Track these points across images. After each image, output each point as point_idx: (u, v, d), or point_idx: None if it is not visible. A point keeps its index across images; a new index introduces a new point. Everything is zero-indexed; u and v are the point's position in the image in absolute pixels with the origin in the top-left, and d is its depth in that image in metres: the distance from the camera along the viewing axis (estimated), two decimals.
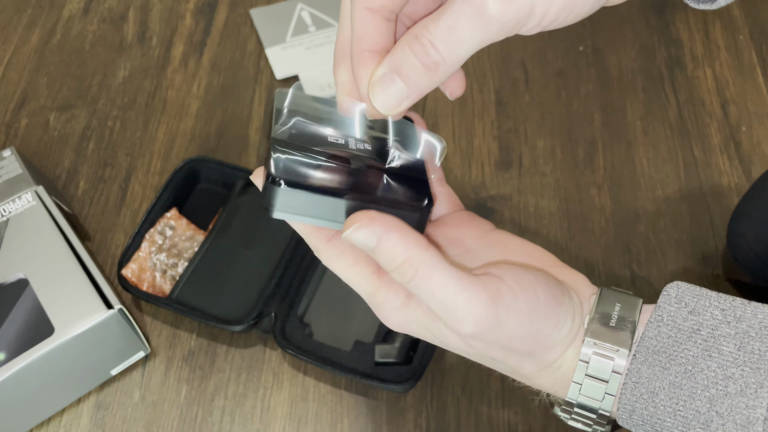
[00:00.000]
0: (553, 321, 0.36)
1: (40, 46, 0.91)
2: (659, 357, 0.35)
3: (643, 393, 0.35)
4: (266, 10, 0.93)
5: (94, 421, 0.64)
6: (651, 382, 0.34)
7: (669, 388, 0.34)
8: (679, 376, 0.34)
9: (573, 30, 0.90)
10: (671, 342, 0.35)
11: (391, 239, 0.33)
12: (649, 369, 0.35)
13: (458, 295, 0.33)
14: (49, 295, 0.60)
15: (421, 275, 0.33)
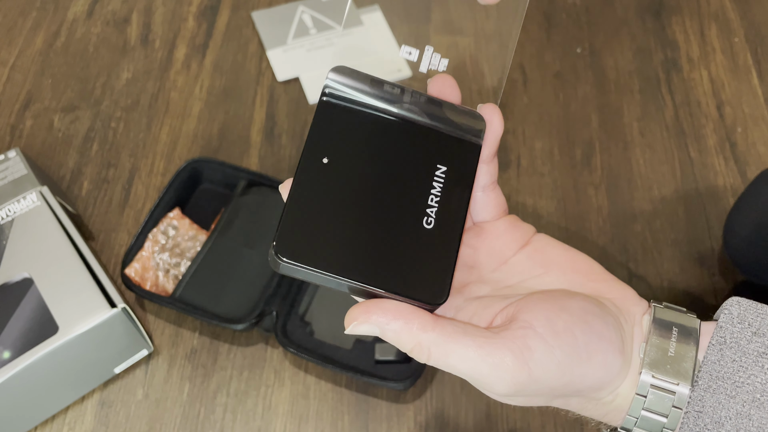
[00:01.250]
0: (598, 362, 0.33)
1: (45, 48, 0.91)
2: (724, 384, 0.32)
3: (708, 423, 0.32)
4: (268, 12, 0.93)
5: (98, 418, 0.64)
6: (716, 411, 0.32)
7: (736, 418, 0.31)
8: (747, 405, 0.31)
9: (571, 32, 0.90)
10: (736, 367, 0.32)
11: (393, 329, 0.32)
12: (713, 397, 0.32)
13: (482, 365, 0.31)
14: (53, 294, 0.60)
15: (437, 356, 0.32)
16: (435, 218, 0.32)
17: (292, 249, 0.31)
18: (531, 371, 0.31)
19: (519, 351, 0.31)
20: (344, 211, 0.32)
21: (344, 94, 0.34)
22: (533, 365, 0.31)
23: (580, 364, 0.32)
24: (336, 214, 0.32)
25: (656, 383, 0.33)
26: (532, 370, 0.31)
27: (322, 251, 0.31)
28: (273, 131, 0.82)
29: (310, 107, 0.84)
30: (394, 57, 0.88)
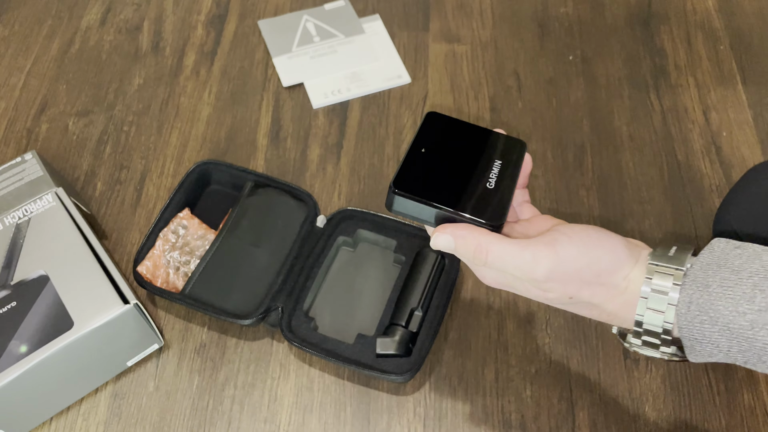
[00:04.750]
0: (608, 247, 0.43)
1: (60, 55, 0.91)
2: (711, 265, 0.40)
3: (699, 287, 0.39)
4: (273, 21, 0.93)
5: (110, 409, 0.64)
6: (705, 279, 0.39)
7: (720, 281, 0.39)
8: (728, 273, 0.39)
9: (563, 40, 0.90)
10: (722, 256, 0.40)
11: (463, 236, 0.43)
12: (703, 272, 0.40)
13: (523, 255, 0.42)
14: (68, 290, 0.60)
15: (492, 253, 0.43)
16: (494, 183, 0.47)
17: (403, 187, 0.46)
18: (557, 253, 0.42)
19: (550, 243, 0.42)
20: (437, 173, 0.47)
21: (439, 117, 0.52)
22: (559, 249, 0.42)
23: (594, 248, 0.42)
24: (432, 173, 0.47)
25: (659, 270, 0.41)
26: (558, 252, 0.42)
27: (421, 190, 0.46)
28: (278, 135, 0.82)
29: (314, 111, 0.84)
30: (395, 64, 0.88)
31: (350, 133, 0.82)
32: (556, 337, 0.66)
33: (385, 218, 0.71)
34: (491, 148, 0.49)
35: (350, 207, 0.73)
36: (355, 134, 0.82)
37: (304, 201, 0.73)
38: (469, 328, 0.67)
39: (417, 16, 0.94)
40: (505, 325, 0.67)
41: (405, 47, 0.90)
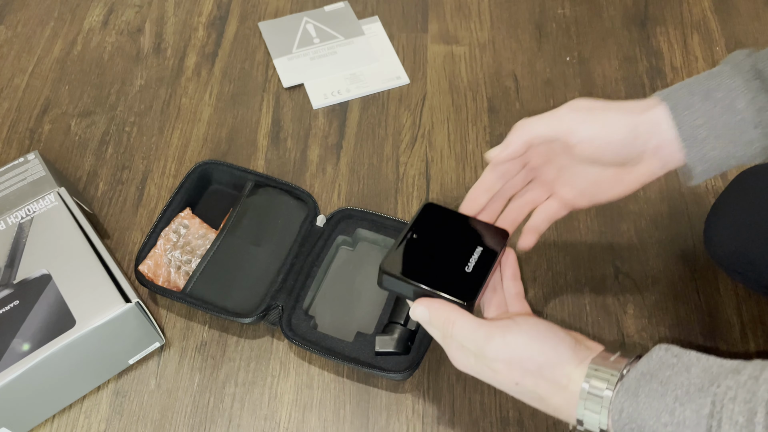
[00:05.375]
0: (552, 344, 0.46)
1: (62, 56, 0.91)
2: (645, 375, 0.42)
3: (630, 395, 0.42)
4: (274, 23, 0.93)
5: (112, 407, 0.64)
6: (636, 388, 0.41)
7: (648, 392, 0.41)
8: (656, 384, 0.41)
9: (561, 42, 0.90)
10: (657, 365, 0.42)
11: (436, 308, 0.49)
12: (636, 381, 0.42)
13: (479, 332, 0.46)
14: (70, 289, 0.60)
15: (456, 325, 0.47)
16: (472, 268, 0.52)
17: (390, 268, 0.52)
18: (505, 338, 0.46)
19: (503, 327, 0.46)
20: (423, 256, 0.53)
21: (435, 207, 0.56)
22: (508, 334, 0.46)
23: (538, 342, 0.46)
24: (418, 256, 0.53)
25: (598, 372, 0.44)
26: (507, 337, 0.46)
27: (406, 271, 0.51)
28: (279, 135, 0.82)
29: (314, 112, 0.84)
30: (393, 65, 0.88)
31: (350, 134, 0.82)
32: None
33: (384, 217, 0.71)
34: (475, 236, 0.54)
35: (350, 206, 0.73)
36: (355, 134, 0.82)
37: (304, 201, 0.73)
38: None
39: (416, 17, 0.94)
40: None
41: (404, 48, 0.90)
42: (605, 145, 0.49)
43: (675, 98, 0.47)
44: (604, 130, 0.49)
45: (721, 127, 0.46)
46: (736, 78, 0.46)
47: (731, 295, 0.68)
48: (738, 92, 0.46)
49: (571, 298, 0.69)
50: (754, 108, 0.45)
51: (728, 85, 0.46)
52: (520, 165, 0.55)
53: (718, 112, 0.46)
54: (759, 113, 0.45)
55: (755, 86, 0.45)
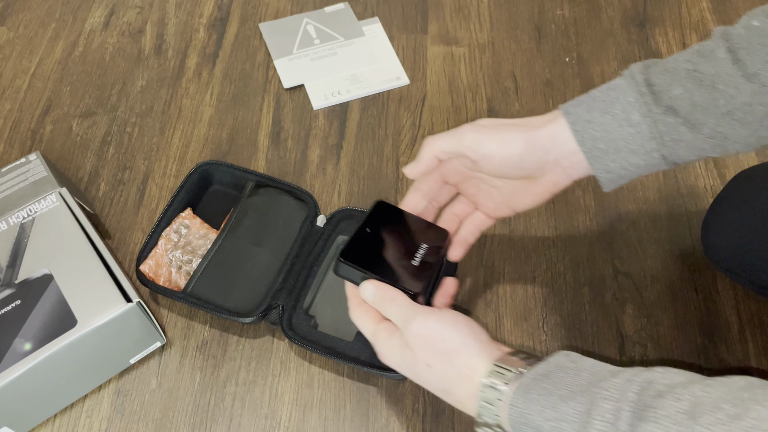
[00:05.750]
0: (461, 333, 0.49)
1: (64, 57, 0.91)
2: (540, 375, 0.45)
3: (523, 392, 0.44)
4: (274, 24, 0.93)
5: (114, 406, 0.64)
6: (529, 387, 0.45)
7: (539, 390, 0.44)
8: (548, 384, 0.44)
9: (560, 42, 0.90)
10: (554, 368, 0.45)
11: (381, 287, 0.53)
12: (531, 380, 0.45)
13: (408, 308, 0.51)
14: (72, 289, 0.60)
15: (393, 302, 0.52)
16: (419, 261, 0.56)
17: (347, 257, 0.55)
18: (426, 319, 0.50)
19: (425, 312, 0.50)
20: (374, 250, 0.56)
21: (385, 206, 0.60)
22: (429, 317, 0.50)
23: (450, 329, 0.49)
24: (370, 249, 0.56)
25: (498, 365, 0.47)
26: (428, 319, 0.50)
27: (361, 260, 0.55)
28: (279, 136, 0.82)
29: (315, 112, 0.84)
30: (393, 66, 0.88)
31: (350, 134, 0.82)
32: (552, 335, 0.66)
33: None
34: (421, 233, 0.58)
35: (350, 207, 0.73)
36: (355, 135, 0.82)
37: (305, 201, 0.73)
38: None
39: (416, 18, 0.94)
40: (502, 323, 0.67)
41: (404, 49, 0.90)
42: (504, 160, 0.52)
43: (575, 113, 0.50)
44: (501, 146, 0.52)
45: (619, 139, 0.49)
46: (631, 92, 0.48)
47: (729, 294, 0.68)
48: (633, 106, 0.48)
49: (571, 297, 0.69)
50: (649, 121, 0.48)
51: (624, 99, 0.48)
52: (439, 183, 0.58)
53: (615, 126, 0.48)
54: (654, 125, 0.48)
55: (649, 99, 0.48)
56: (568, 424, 0.41)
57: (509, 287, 0.69)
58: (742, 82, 0.46)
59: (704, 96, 0.46)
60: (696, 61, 0.47)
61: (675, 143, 0.48)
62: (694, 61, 0.47)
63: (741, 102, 0.46)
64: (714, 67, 0.46)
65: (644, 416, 0.38)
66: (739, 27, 0.47)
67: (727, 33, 0.47)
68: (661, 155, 0.49)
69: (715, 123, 0.47)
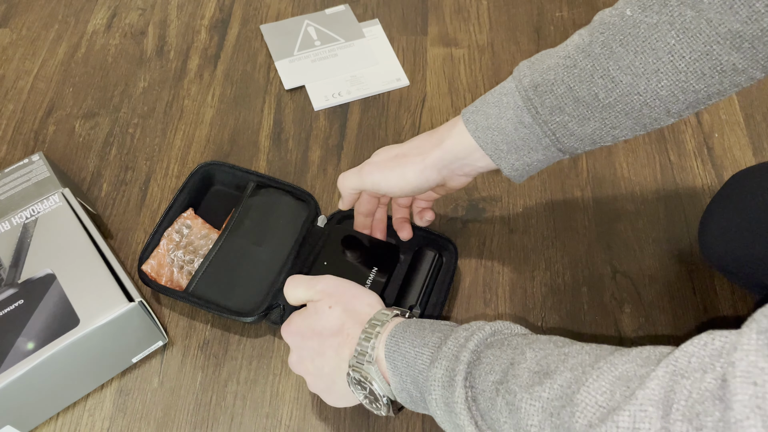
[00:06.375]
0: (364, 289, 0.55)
1: (66, 59, 0.91)
2: (416, 321, 0.50)
3: (401, 327, 0.49)
4: (275, 26, 0.93)
5: (116, 405, 0.64)
6: (407, 324, 0.50)
7: (415, 326, 0.49)
8: (425, 324, 0.49)
9: (559, 44, 0.90)
10: (421, 322, 0.50)
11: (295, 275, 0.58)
12: (410, 320, 0.51)
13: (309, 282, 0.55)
14: (74, 288, 0.60)
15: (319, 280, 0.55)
16: (370, 284, 0.64)
17: None
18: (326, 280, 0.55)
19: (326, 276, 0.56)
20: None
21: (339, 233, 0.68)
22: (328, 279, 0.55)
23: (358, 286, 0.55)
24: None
25: (389, 308, 0.52)
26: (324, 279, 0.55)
27: None
28: (280, 136, 0.82)
29: (315, 113, 0.84)
30: (393, 67, 0.88)
31: (350, 135, 0.82)
32: (551, 334, 0.66)
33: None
34: (373, 258, 0.66)
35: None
36: (355, 136, 0.82)
37: (305, 201, 0.73)
38: None
39: (415, 20, 0.94)
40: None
41: (404, 51, 0.90)
42: (404, 190, 0.57)
43: (474, 120, 0.54)
44: (398, 182, 0.57)
45: (517, 140, 0.52)
46: (518, 96, 0.52)
47: (727, 294, 0.68)
48: (522, 110, 0.51)
49: (569, 297, 0.69)
50: (539, 121, 0.51)
51: (514, 103, 0.52)
52: (372, 202, 0.64)
53: (511, 129, 0.52)
54: (545, 125, 0.51)
55: (536, 102, 0.51)
56: (428, 349, 0.46)
57: (508, 287, 0.69)
58: (617, 74, 0.47)
59: (585, 91, 0.49)
60: (574, 57, 0.49)
61: (567, 138, 0.51)
62: (573, 56, 0.49)
63: (619, 94, 0.48)
64: (591, 61, 0.48)
65: (491, 343, 0.45)
66: (614, 15, 0.48)
67: (604, 23, 0.48)
68: (557, 149, 0.52)
69: (600, 116, 0.49)
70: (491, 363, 0.43)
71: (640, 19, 0.46)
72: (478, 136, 0.54)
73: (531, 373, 0.40)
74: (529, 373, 0.40)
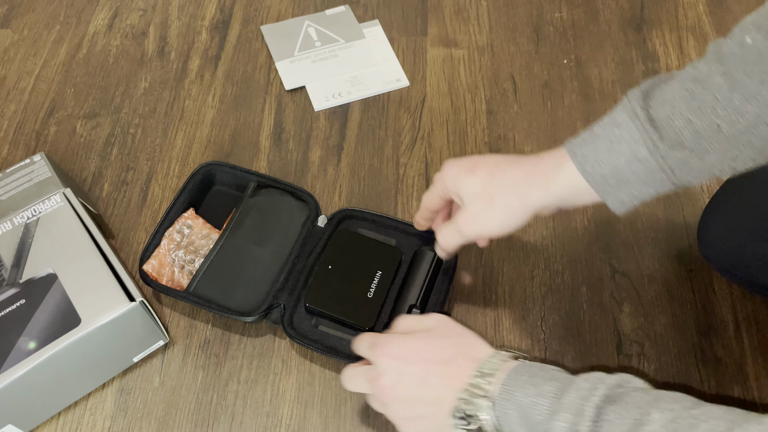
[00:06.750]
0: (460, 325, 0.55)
1: (68, 59, 0.91)
2: (529, 364, 0.49)
3: (513, 374, 0.48)
4: (276, 26, 0.93)
5: (117, 404, 0.64)
6: (519, 370, 0.48)
7: (528, 373, 0.47)
8: (536, 369, 0.48)
9: (558, 45, 0.90)
10: (539, 364, 0.49)
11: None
12: (522, 365, 0.49)
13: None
14: (76, 288, 0.60)
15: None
16: (372, 293, 0.65)
17: (311, 301, 0.65)
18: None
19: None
20: (333, 284, 0.66)
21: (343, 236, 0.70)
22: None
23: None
24: (330, 284, 0.66)
25: (499, 351, 0.51)
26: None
27: (320, 299, 0.65)
28: (281, 137, 0.82)
29: (316, 114, 0.84)
30: (393, 68, 0.88)
31: (350, 135, 0.82)
32: (550, 334, 0.66)
33: (385, 218, 0.71)
34: (377, 261, 0.67)
35: (350, 207, 0.73)
36: (356, 136, 0.82)
37: (306, 201, 0.73)
38: (465, 325, 0.67)
39: (415, 21, 0.94)
40: (501, 322, 0.67)
41: (404, 51, 0.90)
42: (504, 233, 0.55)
43: (582, 153, 0.50)
44: (499, 228, 0.55)
45: (629, 174, 0.49)
46: (634, 129, 0.48)
47: (726, 293, 0.68)
48: (638, 143, 0.48)
49: (568, 297, 0.69)
50: (656, 156, 0.48)
51: (629, 137, 0.48)
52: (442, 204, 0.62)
53: (623, 163, 0.49)
54: (662, 160, 0.48)
55: (654, 135, 0.48)
56: (545, 399, 0.45)
57: (507, 286, 0.69)
58: (742, 104, 0.45)
59: (706, 124, 0.46)
60: (693, 89, 0.47)
61: (684, 173, 0.48)
62: (691, 88, 0.47)
63: (744, 126, 0.45)
64: (711, 93, 0.46)
65: (612, 398, 0.42)
66: (733, 45, 0.46)
67: (722, 54, 0.46)
68: (671, 183, 0.49)
69: (721, 148, 0.46)
70: (613, 421, 0.41)
71: (765, 45, 0.44)
72: (586, 171, 0.50)
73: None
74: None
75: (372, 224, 0.71)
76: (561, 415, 0.43)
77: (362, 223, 0.72)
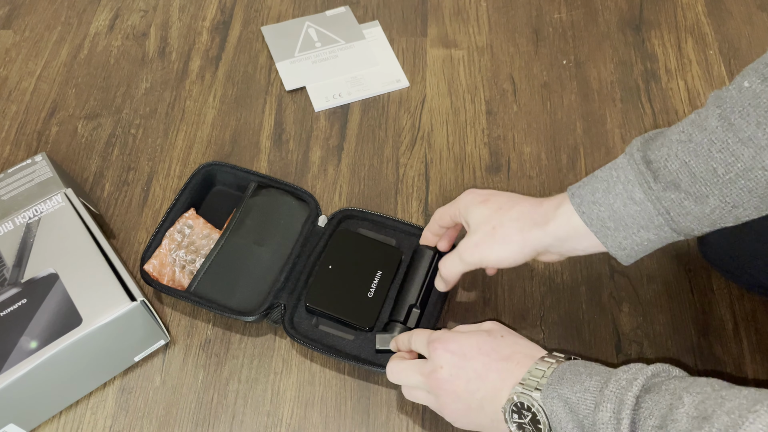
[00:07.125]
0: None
1: (69, 60, 0.91)
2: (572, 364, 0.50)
3: (557, 376, 0.49)
4: (276, 27, 0.93)
5: (118, 403, 0.64)
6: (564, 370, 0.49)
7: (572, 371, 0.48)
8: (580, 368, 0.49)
9: (557, 46, 0.90)
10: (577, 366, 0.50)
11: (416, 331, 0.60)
12: (566, 365, 0.50)
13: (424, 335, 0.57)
14: (77, 288, 0.60)
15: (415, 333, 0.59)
16: (373, 293, 0.66)
17: (312, 301, 0.65)
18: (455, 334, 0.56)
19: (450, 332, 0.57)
20: (333, 284, 0.66)
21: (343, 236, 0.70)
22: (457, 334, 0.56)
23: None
24: (330, 284, 0.66)
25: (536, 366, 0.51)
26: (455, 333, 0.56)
27: (320, 299, 0.66)
28: (281, 137, 0.82)
29: (316, 114, 0.84)
30: (393, 69, 0.88)
31: (351, 136, 0.82)
32: (550, 333, 0.66)
33: (384, 217, 0.71)
34: (377, 261, 0.67)
35: (350, 207, 0.73)
36: (356, 136, 0.82)
37: (306, 201, 0.73)
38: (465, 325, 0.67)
39: (415, 22, 0.94)
40: (500, 321, 0.67)
41: (404, 52, 0.90)
42: (503, 265, 0.56)
43: (580, 194, 0.51)
44: (498, 259, 0.56)
45: (627, 217, 0.49)
46: (630, 170, 0.49)
47: (724, 293, 0.68)
48: (633, 184, 0.48)
49: (568, 296, 0.69)
50: (652, 197, 0.48)
51: (624, 178, 0.49)
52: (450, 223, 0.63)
53: (620, 205, 0.49)
54: (657, 202, 0.48)
55: (648, 177, 0.48)
56: (590, 394, 0.45)
57: (507, 286, 0.69)
58: (737, 147, 0.44)
59: (702, 166, 0.46)
60: (689, 131, 0.47)
61: (682, 217, 0.48)
62: (688, 131, 0.47)
63: (740, 168, 0.45)
64: (707, 135, 0.46)
65: (650, 387, 0.43)
66: (731, 89, 0.46)
67: (720, 98, 0.46)
68: (671, 229, 0.49)
69: (719, 193, 0.46)
70: (650, 408, 0.42)
71: (761, 89, 0.44)
72: (582, 211, 0.51)
73: (689, 418, 0.40)
74: (687, 417, 0.40)
75: (372, 224, 0.71)
76: (604, 406, 0.44)
77: (362, 223, 0.72)
